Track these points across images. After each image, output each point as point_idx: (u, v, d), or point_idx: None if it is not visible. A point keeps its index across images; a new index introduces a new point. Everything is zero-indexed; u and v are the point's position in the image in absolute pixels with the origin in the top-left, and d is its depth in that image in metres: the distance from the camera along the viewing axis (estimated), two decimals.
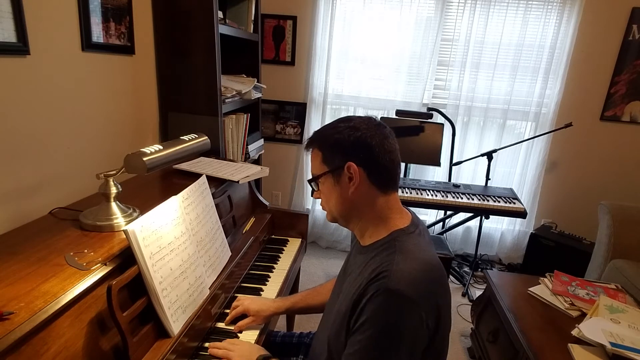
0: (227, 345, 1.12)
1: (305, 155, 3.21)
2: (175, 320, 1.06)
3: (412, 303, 0.82)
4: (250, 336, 1.22)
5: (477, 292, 2.81)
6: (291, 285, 1.69)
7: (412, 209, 1.10)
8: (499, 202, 2.51)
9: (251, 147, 2.60)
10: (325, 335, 1.02)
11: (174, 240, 1.11)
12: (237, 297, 1.35)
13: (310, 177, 1.03)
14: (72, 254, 0.99)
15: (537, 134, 2.91)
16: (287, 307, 1.32)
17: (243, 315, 1.27)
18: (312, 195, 1.06)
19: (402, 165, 2.96)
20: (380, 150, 0.93)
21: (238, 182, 1.66)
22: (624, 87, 2.86)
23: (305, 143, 1.03)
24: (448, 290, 0.94)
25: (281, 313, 1.34)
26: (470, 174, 3.14)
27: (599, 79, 2.88)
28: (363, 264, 0.95)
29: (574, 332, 1.55)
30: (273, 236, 1.92)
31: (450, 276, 2.97)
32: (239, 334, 1.23)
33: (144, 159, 1.11)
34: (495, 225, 3.25)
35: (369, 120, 0.97)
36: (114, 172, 1.16)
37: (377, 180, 0.95)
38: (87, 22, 1.51)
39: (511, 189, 2.77)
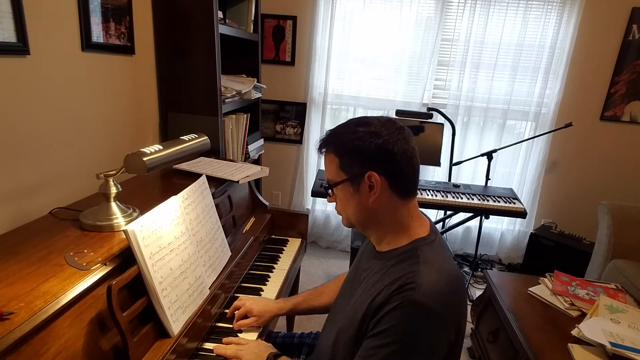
0: (235, 346, 1.11)
1: (306, 156, 3.21)
2: (175, 320, 1.06)
3: (437, 317, 0.81)
4: (249, 337, 1.22)
5: (477, 292, 2.81)
6: (291, 285, 1.69)
7: (424, 211, 1.07)
8: (499, 202, 2.51)
9: (251, 147, 2.60)
10: (333, 338, 1.00)
11: (174, 240, 1.11)
12: (238, 297, 1.34)
13: (326, 182, 0.98)
14: (72, 254, 0.99)
15: (537, 134, 2.91)
16: (290, 308, 1.30)
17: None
18: (327, 200, 1.01)
19: None
20: (402, 157, 0.89)
21: (238, 182, 1.66)
22: (624, 87, 2.85)
23: (319, 143, 0.97)
24: (466, 298, 0.94)
25: (284, 314, 1.33)
26: (470, 174, 3.14)
27: (599, 79, 2.88)
28: (381, 270, 0.92)
29: (574, 332, 1.54)
30: (273, 236, 1.92)
31: None
32: (238, 334, 1.23)
33: (144, 159, 1.11)
34: (495, 225, 3.25)
35: (389, 123, 0.91)
36: (114, 172, 1.16)
37: (398, 189, 0.91)
38: (87, 22, 1.51)
39: (511, 189, 2.77)
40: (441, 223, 3.18)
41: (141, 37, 1.88)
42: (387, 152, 0.88)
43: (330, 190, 0.98)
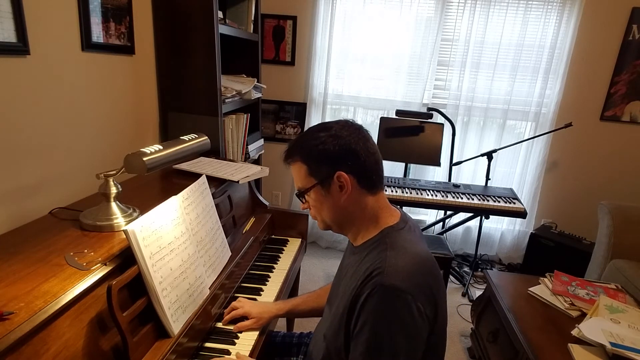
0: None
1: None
2: (175, 320, 1.06)
3: (409, 295, 0.83)
4: (250, 336, 1.22)
5: (477, 292, 2.81)
6: (291, 285, 1.69)
7: (407, 208, 1.10)
8: (499, 202, 2.51)
9: (251, 147, 2.60)
10: (322, 336, 1.03)
11: (174, 240, 1.11)
12: (238, 297, 1.35)
13: (297, 191, 1.01)
14: (72, 254, 0.99)
15: (537, 134, 2.91)
16: (288, 309, 1.32)
17: (243, 317, 1.26)
18: (301, 208, 1.05)
19: (402, 165, 2.96)
20: (365, 154, 0.94)
21: (238, 182, 1.66)
22: (624, 87, 2.85)
23: (283, 155, 1.01)
24: (441, 281, 0.96)
25: (282, 316, 1.34)
26: (470, 174, 3.14)
27: (599, 79, 2.88)
28: (356, 263, 0.96)
29: (574, 332, 1.54)
30: (273, 236, 1.92)
31: (450, 276, 2.97)
32: (239, 334, 1.23)
33: (144, 159, 1.11)
34: (495, 225, 3.25)
35: (347, 124, 0.96)
36: (114, 172, 1.16)
37: (366, 184, 0.95)
38: (87, 22, 1.50)
39: (511, 189, 2.77)
40: (441, 223, 3.18)
41: (141, 37, 1.88)
42: (350, 151, 0.93)
43: (302, 198, 1.01)
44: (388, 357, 0.83)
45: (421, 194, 2.51)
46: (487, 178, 2.85)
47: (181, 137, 1.39)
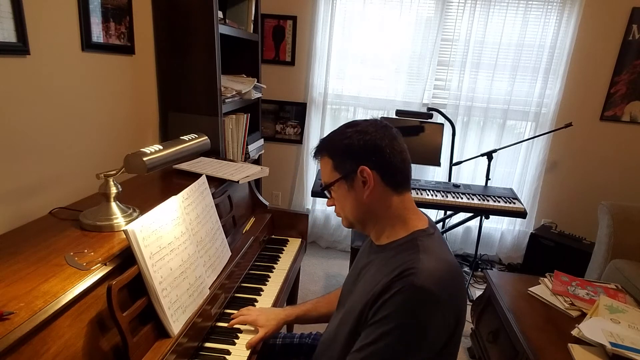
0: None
1: (306, 156, 3.21)
2: (175, 321, 1.06)
3: (437, 301, 0.83)
4: (250, 337, 1.22)
5: (477, 292, 2.81)
6: (291, 285, 1.69)
7: (425, 211, 1.10)
8: (499, 202, 2.51)
9: (251, 147, 2.60)
10: (333, 334, 1.01)
11: (174, 240, 1.11)
12: (237, 297, 1.34)
13: (322, 185, 1.02)
14: (72, 254, 0.99)
15: (537, 134, 2.91)
16: (297, 315, 1.30)
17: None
18: (327, 204, 1.06)
19: None
20: (391, 150, 0.94)
21: (238, 182, 1.66)
22: (624, 87, 2.85)
23: (313, 151, 1.03)
24: (465, 293, 0.96)
25: (291, 322, 1.32)
26: (470, 174, 3.14)
27: (599, 79, 2.88)
28: (381, 262, 0.95)
29: (574, 332, 1.54)
30: (273, 236, 1.92)
31: None
32: (239, 334, 1.23)
33: (144, 159, 1.11)
34: (495, 225, 3.25)
35: (375, 122, 0.97)
36: (114, 172, 1.16)
37: (390, 182, 0.95)
38: (87, 22, 1.51)
39: (511, 189, 2.76)
40: (441, 223, 3.18)
41: (141, 37, 1.88)
42: (375, 146, 0.93)
43: (328, 194, 1.02)
44: (401, 356, 0.83)
45: (421, 194, 2.51)
46: (487, 178, 2.85)
47: (181, 137, 1.39)
